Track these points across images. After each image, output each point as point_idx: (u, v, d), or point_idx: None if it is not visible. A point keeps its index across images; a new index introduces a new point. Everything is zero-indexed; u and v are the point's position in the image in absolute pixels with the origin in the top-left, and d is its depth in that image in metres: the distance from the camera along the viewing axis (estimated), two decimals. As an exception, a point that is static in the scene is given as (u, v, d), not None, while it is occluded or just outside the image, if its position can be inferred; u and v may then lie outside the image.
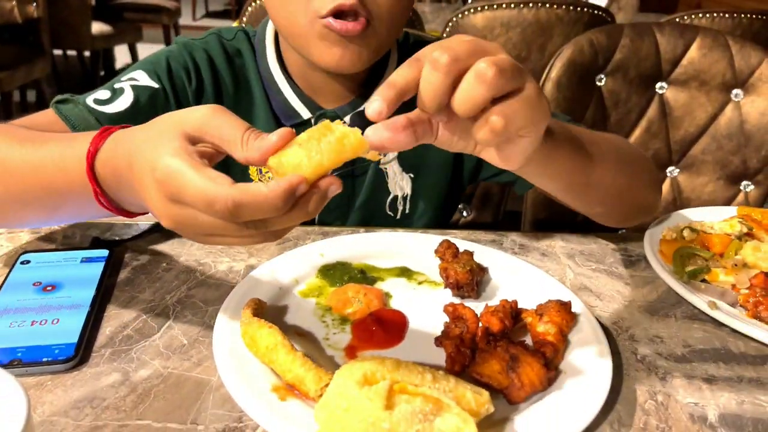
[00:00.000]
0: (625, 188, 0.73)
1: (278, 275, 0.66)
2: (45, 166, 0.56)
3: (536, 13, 1.84)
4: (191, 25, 6.38)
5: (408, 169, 0.89)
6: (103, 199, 0.53)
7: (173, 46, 0.84)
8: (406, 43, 0.92)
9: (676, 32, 1.37)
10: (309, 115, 0.83)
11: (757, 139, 1.36)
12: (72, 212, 0.61)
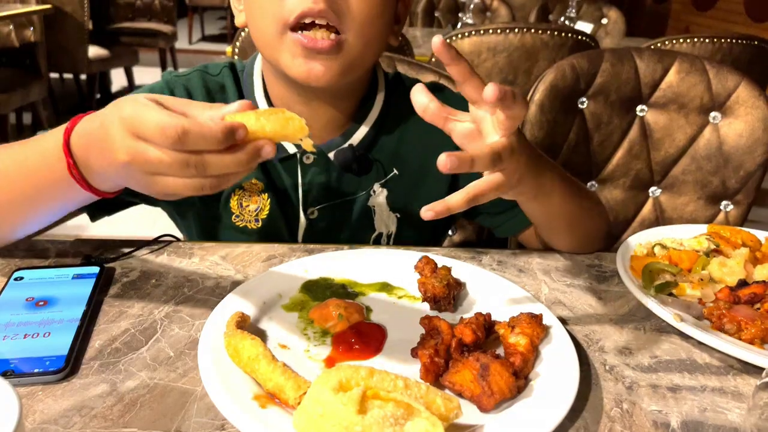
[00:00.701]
0: (595, 223, 0.84)
1: (263, 290, 0.69)
2: (28, 158, 0.65)
3: (522, 38, 1.89)
4: (187, 49, 6.46)
5: (395, 208, 0.91)
6: (75, 171, 0.60)
7: (158, 81, 0.87)
8: (399, 82, 0.93)
9: (654, 57, 1.41)
10: (295, 150, 0.85)
11: (735, 160, 1.39)
12: (54, 202, 0.66)
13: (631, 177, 1.47)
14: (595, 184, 1.47)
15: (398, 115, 0.89)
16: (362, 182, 0.88)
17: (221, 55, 6.28)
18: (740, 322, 0.64)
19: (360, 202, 0.89)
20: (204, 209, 0.87)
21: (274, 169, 0.86)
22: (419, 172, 0.90)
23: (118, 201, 0.85)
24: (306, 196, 0.86)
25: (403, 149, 0.89)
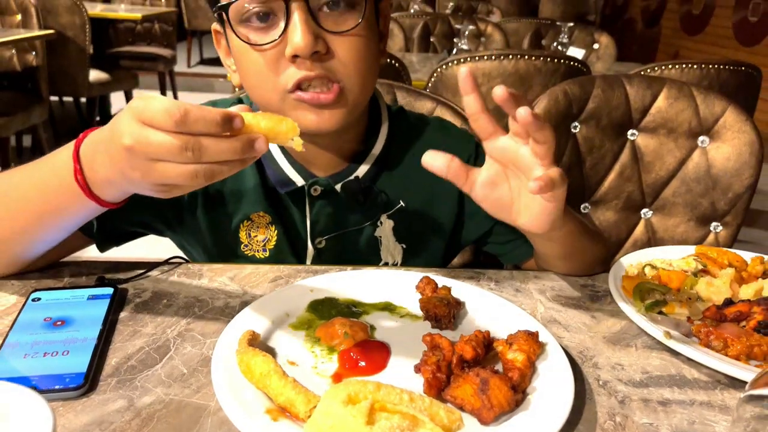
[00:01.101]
0: (597, 252, 0.89)
1: (271, 310, 0.72)
2: (40, 170, 0.69)
3: (516, 64, 1.95)
4: (186, 72, 6.53)
5: (401, 239, 0.94)
6: (80, 176, 0.64)
7: None
8: (402, 115, 0.97)
9: (644, 83, 1.46)
10: (303, 182, 0.87)
11: (724, 183, 1.44)
12: (60, 215, 0.70)
13: (623, 199, 1.51)
14: (589, 206, 1.51)
15: (403, 148, 0.92)
16: (369, 213, 0.91)
17: (219, 78, 6.36)
18: (726, 339, 0.68)
19: (366, 232, 0.92)
20: (213, 240, 0.90)
21: (282, 202, 0.89)
22: (425, 204, 0.93)
23: (125, 232, 0.88)
24: (314, 226, 0.89)
25: (408, 181, 0.92)
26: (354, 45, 0.76)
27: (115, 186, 0.64)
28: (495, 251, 0.99)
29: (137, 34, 5.01)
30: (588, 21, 7.24)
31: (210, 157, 0.56)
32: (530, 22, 3.84)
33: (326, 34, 0.74)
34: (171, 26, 5.03)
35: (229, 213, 0.89)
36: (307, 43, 0.71)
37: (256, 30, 0.75)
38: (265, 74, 0.76)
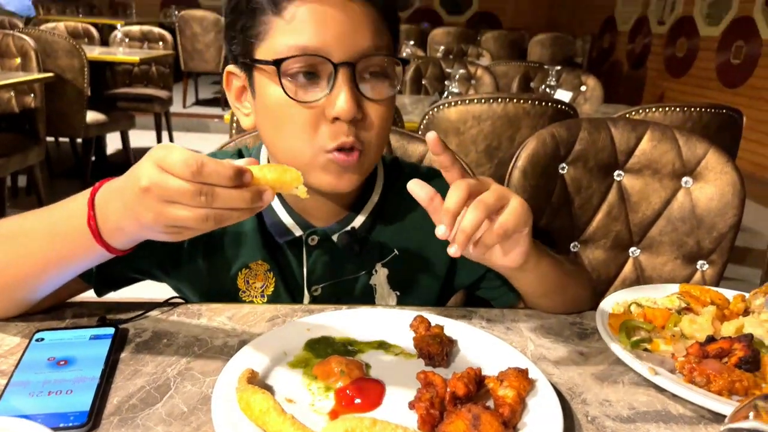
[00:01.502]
0: (579, 290, 0.93)
1: (269, 349, 0.74)
2: (53, 214, 0.72)
3: (505, 107, 2.01)
4: (181, 113, 6.62)
5: (395, 286, 0.96)
6: (93, 222, 0.66)
7: None
8: (397, 166, 1.00)
9: (628, 126, 1.52)
10: (301, 232, 0.90)
11: (708, 222, 1.48)
12: (68, 260, 0.72)
13: (611, 238, 1.54)
14: (578, 245, 1.54)
15: (397, 198, 0.95)
16: (364, 262, 0.94)
17: (215, 119, 6.44)
18: (709, 375, 0.70)
19: (362, 280, 0.94)
20: (211, 287, 0.93)
21: (280, 251, 0.92)
22: (419, 252, 0.96)
23: (123, 278, 0.91)
24: (310, 275, 0.92)
25: (403, 230, 0.95)
26: (383, 112, 0.81)
27: (125, 233, 0.67)
28: (487, 296, 1.02)
29: (134, 76, 5.10)
30: (575, 64, 7.43)
31: (221, 203, 0.60)
32: (519, 65, 3.95)
33: (364, 99, 0.79)
34: (168, 68, 5.13)
35: (228, 262, 0.92)
36: (351, 109, 0.76)
37: (300, 86, 0.78)
38: (302, 129, 0.79)
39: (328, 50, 0.76)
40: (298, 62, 0.77)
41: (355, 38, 0.77)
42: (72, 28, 4.94)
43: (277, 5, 0.77)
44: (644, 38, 7.75)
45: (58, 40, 3.71)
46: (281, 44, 0.77)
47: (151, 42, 5.24)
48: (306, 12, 0.76)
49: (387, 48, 0.81)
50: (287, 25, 0.77)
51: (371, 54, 0.78)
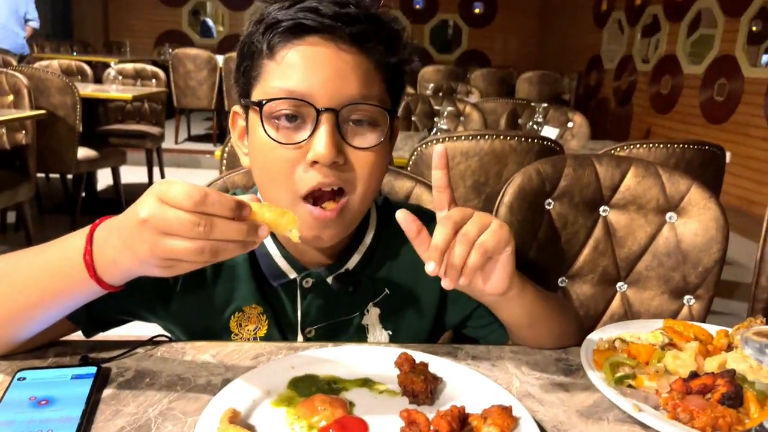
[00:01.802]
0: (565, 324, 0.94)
1: (252, 387, 0.73)
2: (49, 251, 0.72)
3: (492, 143, 2.04)
4: (173, 148, 6.65)
5: (387, 326, 0.97)
6: (88, 257, 0.67)
7: None
8: (388, 208, 1.01)
9: (612, 162, 1.54)
10: (295, 275, 0.91)
11: (693, 257, 1.49)
12: (60, 297, 0.72)
13: (598, 273, 1.55)
14: (566, 280, 1.55)
15: (389, 239, 0.96)
16: (357, 302, 0.95)
17: (206, 155, 6.48)
18: (693, 411, 0.70)
19: (354, 321, 0.95)
20: (203, 331, 0.92)
21: (274, 294, 0.92)
22: (409, 290, 0.97)
23: (113, 319, 0.91)
24: (305, 317, 0.92)
25: (394, 270, 0.96)
26: (370, 160, 0.82)
27: (120, 268, 0.67)
28: (475, 335, 1.02)
29: (127, 112, 5.14)
30: (563, 101, 7.56)
31: (218, 234, 0.61)
32: (507, 102, 4.02)
33: (347, 146, 0.80)
34: (160, 105, 5.17)
35: (221, 305, 0.92)
36: (330, 155, 0.77)
37: (283, 128, 0.80)
38: (281, 172, 0.80)
39: (312, 95, 0.78)
40: (283, 104, 0.78)
41: (341, 85, 0.78)
42: (66, 66, 4.99)
43: (272, 49, 0.79)
44: (630, 76, 7.91)
45: (51, 78, 3.74)
46: (271, 86, 0.79)
47: (145, 79, 5.29)
48: (296, 57, 0.78)
49: (377, 97, 0.81)
50: (277, 68, 0.79)
51: (357, 102, 0.79)
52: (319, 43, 0.78)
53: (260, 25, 0.81)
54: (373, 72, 0.81)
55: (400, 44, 0.85)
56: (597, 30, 8.91)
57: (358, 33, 0.79)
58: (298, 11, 0.78)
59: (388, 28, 0.83)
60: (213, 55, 6.79)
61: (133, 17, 10.07)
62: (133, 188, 5.25)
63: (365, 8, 0.81)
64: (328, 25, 0.77)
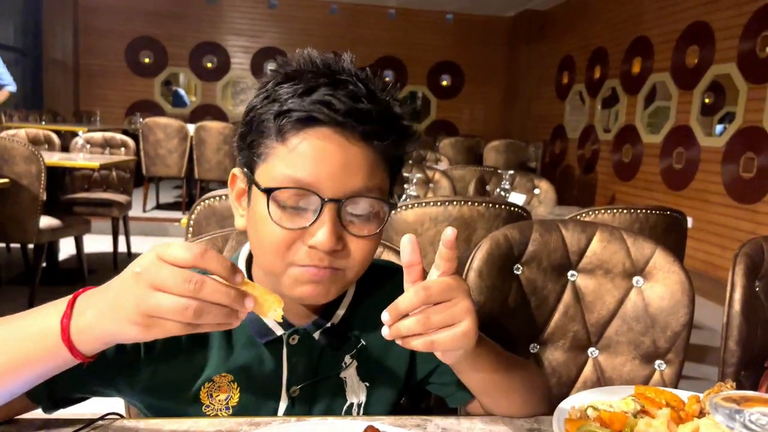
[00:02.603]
0: (526, 396, 0.92)
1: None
2: (27, 317, 0.71)
3: (460, 209, 2.05)
4: (141, 217, 6.57)
5: (364, 378, 0.95)
6: (66, 320, 0.66)
7: None
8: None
9: (578, 228, 1.56)
10: (282, 332, 0.89)
11: (661, 321, 1.49)
12: (33, 363, 0.69)
13: (569, 339, 1.54)
14: (537, 346, 1.53)
15: (365, 291, 0.97)
16: (337, 356, 0.93)
17: (174, 223, 6.40)
18: (669, 481, 0.68)
19: (335, 375, 0.93)
20: (171, 404, 0.88)
21: (253, 355, 0.89)
22: (384, 342, 0.94)
23: (74, 397, 0.86)
24: (290, 375, 0.90)
25: (369, 321, 0.95)
26: (367, 246, 0.83)
27: (95, 332, 0.66)
28: (438, 392, 1.00)
29: (94, 180, 5.09)
30: (529, 168, 7.76)
31: (207, 293, 0.62)
32: (475, 170, 4.10)
33: (347, 234, 0.81)
34: (129, 173, 5.14)
35: (190, 377, 0.89)
36: (330, 244, 0.78)
37: (288, 212, 0.80)
38: (279, 246, 0.80)
39: (319, 186, 0.79)
40: (289, 192, 0.79)
41: (348, 178, 0.79)
42: (33, 135, 4.96)
43: (283, 135, 0.80)
44: (593, 145, 8.19)
45: (17, 147, 3.70)
46: (278, 171, 0.80)
47: (114, 148, 5.27)
48: (306, 147, 0.79)
49: (379, 188, 0.83)
50: (287, 155, 0.80)
51: (361, 195, 0.80)
52: (329, 135, 0.79)
53: (271, 106, 0.81)
54: (378, 163, 0.83)
55: (408, 140, 0.87)
56: (559, 101, 9.29)
57: (369, 131, 0.80)
58: (311, 104, 0.79)
59: (399, 125, 0.85)
60: (184, 124, 6.84)
61: (104, 87, 10.16)
62: (96, 258, 5.13)
63: (378, 103, 0.82)
64: (341, 121, 0.79)
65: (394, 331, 0.71)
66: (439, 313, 0.72)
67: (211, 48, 10.29)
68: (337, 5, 10.46)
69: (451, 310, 0.72)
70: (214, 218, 1.81)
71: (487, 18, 10.73)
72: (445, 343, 0.72)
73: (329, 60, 0.83)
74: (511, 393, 0.89)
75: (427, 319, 0.71)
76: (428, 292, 0.71)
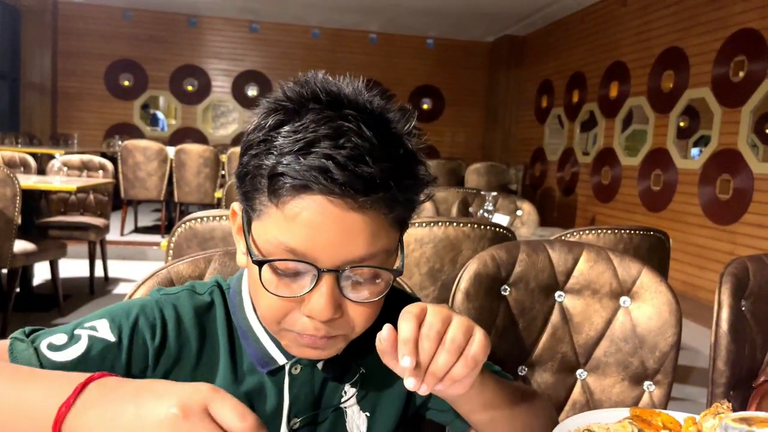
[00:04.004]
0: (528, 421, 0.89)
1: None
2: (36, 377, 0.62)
3: (445, 230, 2.04)
4: (118, 240, 6.46)
5: (364, 407, 0.91)
6: (64, 408, 0.55)
7: (149, 298, 0.85)
8: None
9: (564, 248, 1.55)
10: (285, 360, 0.85)
11: (650, 342, 1.48)
12: None
13: (558, 360, 1.52)
14: (525, 369, 1.51)
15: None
16: (336, 386, 0.89)
17: (153, 246, 6.31)
18: (672, 507, 0.65)
19: (335, 406, 0.89)
20: None
21: (255, 384, 0.85)
22: (387, 372, 0.91)
23: None
24: (292, 407, 0.85)
25: (369, 348, 0.91)
26: (368, 311, 0.77)
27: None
28: (437, 418, 0.97)
29: (71, 204, 5.00)
30: (510, 190, 7.82)
31: None
32: (458, 191, 4.11)
33: (346, 300, 0.75)
34: (107, 196, 5.06)
35: None
36: (327, 314, 0.73)
37: (283, 280, 0.75)
38: (275, 315, 0.76)
39: (315, 256, 0.72)
40: (286, 265, 0.74)
41: (346, 248, 0.72)
42: (9, 158, 4.87)
43: (277, 198, 0.72)
44: (572, 167, 8.29)
45: (-9, 169, 3.63)
46: (273, 236, 0.73)
47: (91, 170, 5.19)
48: (302, 215, 0.71)
49: (385, 250, 0.75)
50: (282, 221, 0.72)
51: (362, 262, 0.74)
52: (326, 204, 0.71)
53: (266, 157, 0.72)
54: (382, 225, 0.74)
55: (417, 202, 0.79)
56: (539, 125, 9.41)
57: (370, 201, 0.71)
58: (307, 170, 0.70)
59: (410, 182, 0.76)
60: (164, 147, 6.78)
61: (83, 110, 10.06)
62: (72, 283, 5.01)
63: (385, 159, 0.72)
64: (338, 192, 0.70)
65: (430, 380, 0.69)
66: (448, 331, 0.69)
67: (191, 71, 10.27)
68: (319, 29, 10.54)
69: (455, 327, 0.70)
70: (195, 240, 1.78)
71: (467, 43, 10.88)
72: (479, 352, 0.69)
73: (334, 94, 0.74)
74: (514, 419, 0.86)
75: (439, 336, 0.69)
76: (412, 314, 0.69)
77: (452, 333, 0.69)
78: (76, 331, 0.76)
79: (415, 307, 0.71)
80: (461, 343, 0.69)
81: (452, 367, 0.69)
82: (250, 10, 9.65)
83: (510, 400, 0.85)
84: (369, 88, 0.78)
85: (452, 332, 0.69)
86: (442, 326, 0.69)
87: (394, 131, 0.76)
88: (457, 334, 0.70)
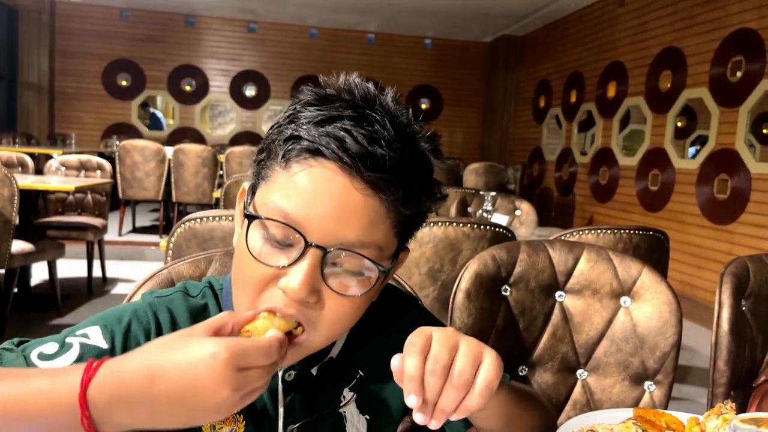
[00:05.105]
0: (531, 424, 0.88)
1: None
2: (32, 398, 0.59)
3: (445, 230, 2.04)
4: (116, 240, 6.45)
5: (364, 410, 0.90)
6: (88, 423, 0.57)
7: (141, 302, 0.84)
8: None
9: (565, 248, 1.55)
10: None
11: (650, 342, 1.48)
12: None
13: (558, 360, 1.52)
14: (526, 369, 1.51)
15: (368, 320, 0.89)
16: (334, 391, 0.88)
17: (151, 246, 6.30)
18: (677, 508, 0.65)
19: (334, 409, 0.88)
20: None
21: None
22: (385, 373, 0.90)
23: None
24: (287, 414, 0.84)
25: (368, 352, 0.90)
26: (343, 307, 0.74)
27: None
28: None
29: (68, 204, 4.99)
30: (508, 190, 7.82)
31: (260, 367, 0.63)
32: (456, 191, 4.11)
33: (325, 286, 0.73)
34: (104, 197, 5.05)
35: None
36: (301, 294, 0.70)
37: (270, 245, 0.73)
38: (253, 282, 0.73)
39: (307, 227, 0.70)
40: (276, 226, 0.72)
41: (340, 226, 0.70)
42: (6, 157, 4.86)
43: (287, 161, 0.72)
44: (570, 167, 8.29)
45: (-11, 169, 3.62)
46: (271, 200, 0.72)
47: (89, 171, 5.18)
48: (305, 179, 0.71)
49: (378, 246, 0.73)
50: (285, 183, 0.72)
51: (351, 248, 0.72)
52: (334, 173, 0.70)
53: (288, 127, 0.74)
54: (382, 218, 0.73)
55: (423, 199, 0.78)
56: (537, 125, 9.41)
57: (375, 180, 0.71)
58: (322, 135, 0.70)
59: (416, 181, 0.75)
60: (162, 146, 6.77)
61: (80, 110, 10.04)
62: (70, 283, 5.00)
63: (401, 152, 0.72)
64: (347, 162, 0.69)
65: (440, 416, 0.67)
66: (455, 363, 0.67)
67: (189, 71, 10.26)
68: (317, 29, 10.52)
69: (463, 358, 0.67)
70: (195, 240, 1.77)
71: (465, 43, 10.88)
72: (493, 378, 0.67)
73: (370, 92, 0.75)
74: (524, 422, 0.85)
75: (444, 370, 0.66)
76: (415, 347, 0.67)
77: (459, 366, 0.66)
78: (68, 339, 0.75)
79: (420, 337, 0.68)
80: (469, 378, 0.66)
81: (463, 400, 0.67)
82: (248, 10, 9.64)
83: (517, 404, 0.85)
84: (403, 105, 0.78)
85: (459, 365, 0.66)
86: (448, 358, 0.66)
87: (419, 144, 0.77)
88: (464, 366, 0.66)
